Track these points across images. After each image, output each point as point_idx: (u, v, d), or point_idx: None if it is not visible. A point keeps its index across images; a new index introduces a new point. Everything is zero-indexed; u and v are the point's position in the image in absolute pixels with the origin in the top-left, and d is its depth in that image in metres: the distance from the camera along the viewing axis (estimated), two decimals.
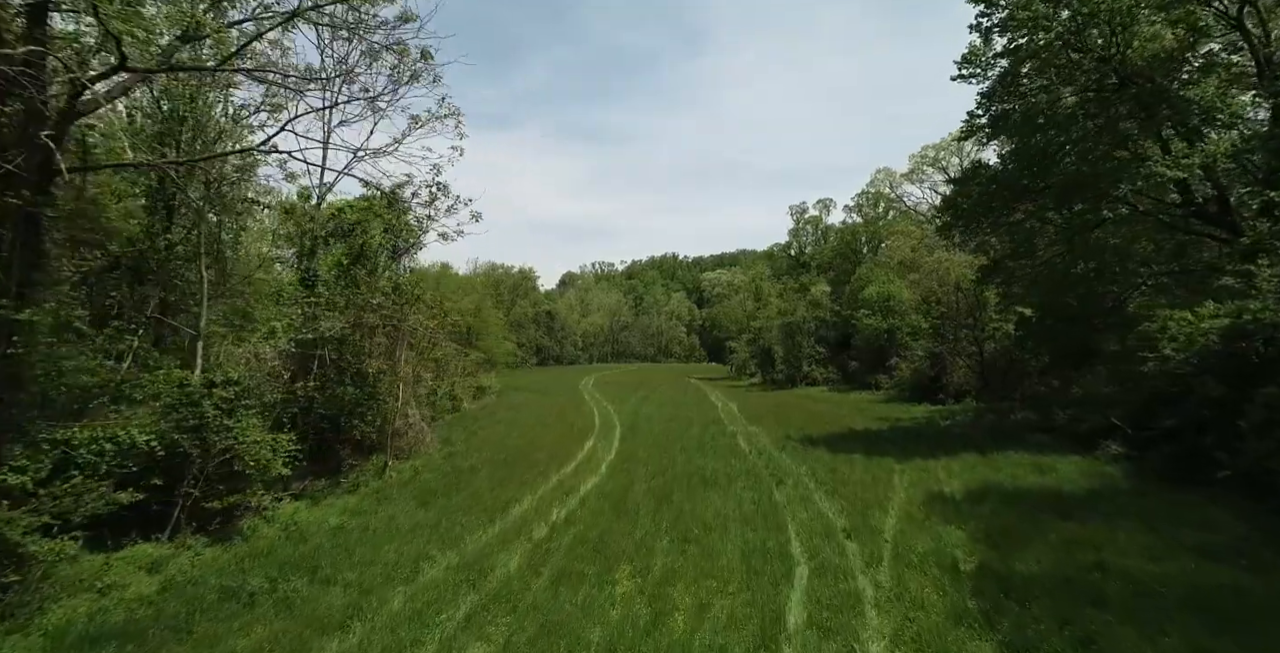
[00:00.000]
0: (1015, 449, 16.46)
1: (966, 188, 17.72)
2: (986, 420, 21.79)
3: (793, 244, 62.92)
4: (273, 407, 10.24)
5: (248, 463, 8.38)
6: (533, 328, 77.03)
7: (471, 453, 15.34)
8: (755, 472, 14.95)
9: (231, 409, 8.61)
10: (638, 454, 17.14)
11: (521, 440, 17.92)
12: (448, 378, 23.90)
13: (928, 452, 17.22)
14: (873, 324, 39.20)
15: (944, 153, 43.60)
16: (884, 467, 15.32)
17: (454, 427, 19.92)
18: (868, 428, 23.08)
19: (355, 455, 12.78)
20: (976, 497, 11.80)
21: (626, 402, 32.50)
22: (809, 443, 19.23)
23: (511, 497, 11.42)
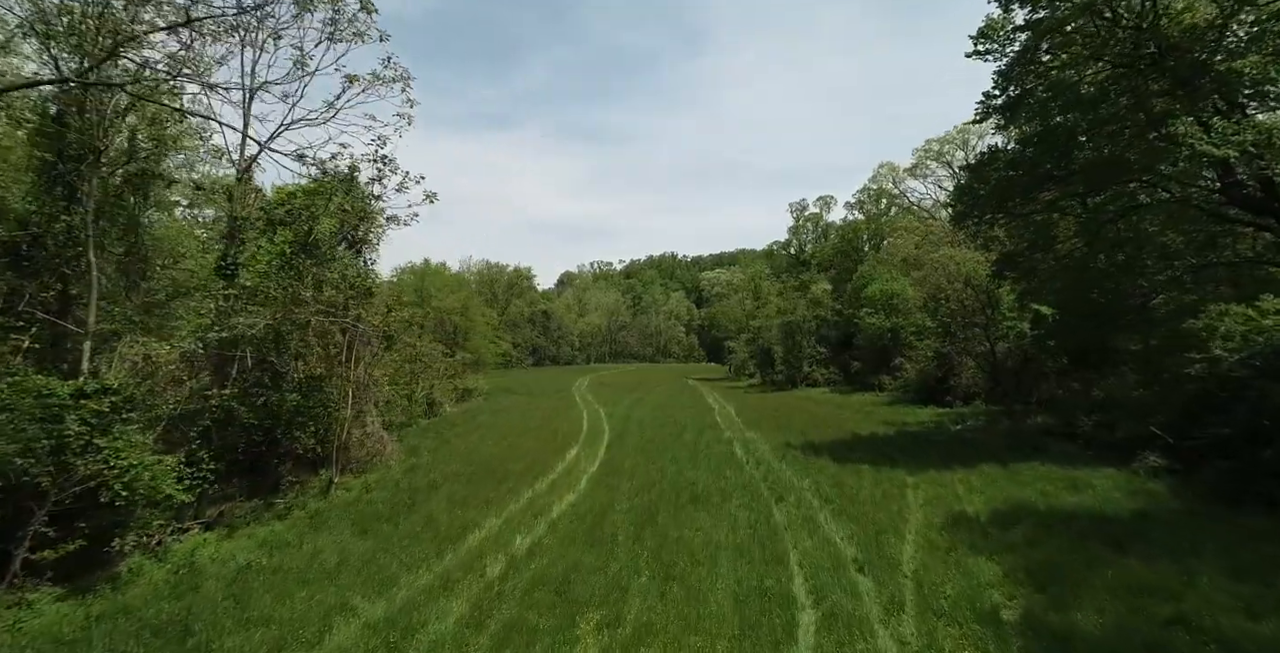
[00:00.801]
0: (1039, 460, 14.89)
1: (983, 173, 16.15)
2: (1001, 426, 20.21)
3: (793, 242, 61.30)
4: (172, 419, 8.63)
5: (119, 492, 6.78)
6: (528, 328, 75.46)
7: (438, 465, 13.78)
8: (752, 486, 13.38)
9: (107, 425, 7.03)
10: (624, 465, 15.58)
11: (498, 449, 16.36)
12: (425, 380, 22.34)
13: (941, 462, 15.65)
14: (876, 323, 37.63)
15: (949, 146, 42.04)
16: (895, 480, 13.77)
17: (426, 434, 18.37)
18: (873, 433, 21.51)
19: (298, 471, 11.23)
20: (1005, 519, 10.22)
21: (619, 404, 30.93)
22: (811, 451, 17.66)
23: (471, 520, 9.85)
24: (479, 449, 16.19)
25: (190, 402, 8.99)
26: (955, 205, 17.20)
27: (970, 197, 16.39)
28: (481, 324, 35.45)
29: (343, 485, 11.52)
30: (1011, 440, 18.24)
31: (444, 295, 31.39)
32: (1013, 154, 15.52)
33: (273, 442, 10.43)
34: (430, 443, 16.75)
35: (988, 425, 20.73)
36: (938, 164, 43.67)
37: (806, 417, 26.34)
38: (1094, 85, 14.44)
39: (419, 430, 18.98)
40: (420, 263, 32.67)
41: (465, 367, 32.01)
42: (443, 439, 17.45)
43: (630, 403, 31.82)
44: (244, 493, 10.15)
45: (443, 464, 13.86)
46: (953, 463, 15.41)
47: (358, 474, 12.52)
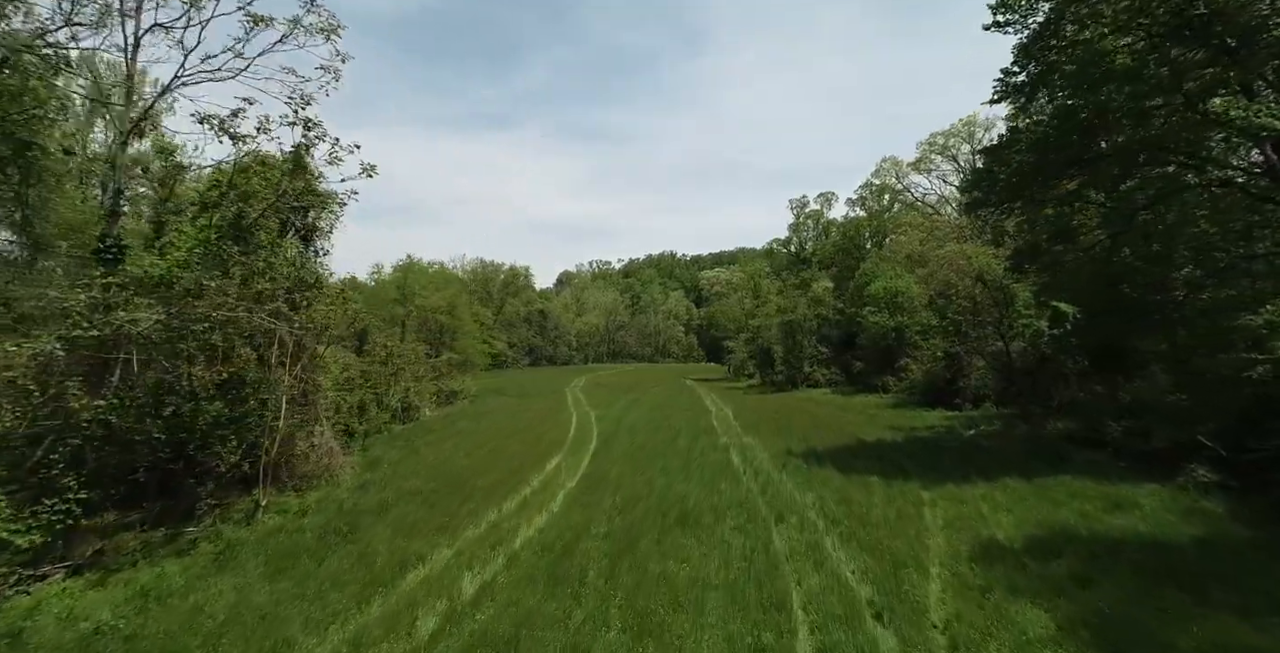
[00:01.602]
0: (1068, 472, 13.35)
1: (1003, 156, 14.60)
2: (1017, 431, 18.67)
3: (793, 239, 59.72)
4: (10, 439, 6.99)
5: None
6: (524, 327, 73.94)
7: (395, 481, 12.25)
8: (749, 503, 11.84)
9: None
10: (608, 476, 14.05)
11: (470, 460, 14.83)
12: (400, 383, 20.81)
13: (959, 473, 14.12)
14: (879, 322, 36.08)
15: (954, 140, 40.49)
16: (909, 496, 12.23)
17: (395, 443, 16.84)
18: (880, 439, 19.97)
19: (225, 492, 9.70)
20: (1044, 548, 8.68)
21: (612, 406, 29.40)
22: (814, 459, 16.13)
23: (416, 553, 8.31)
24: (449, 460, 14.65)
25: (46, 416, 7.32)
26: (970, 192, 15.66)
27: (988, 182, 14.82)
28: (470, 323, 33.92)
29: (276, 508, 9.97)
30: (1031, 448, 16.70)
31: (428, 293, 29.87)
32: (1038, 134, 13.95)
33: (186, 459, 8.89)
34: (395, 453, 15.20)
35: (1003, 431, 19.19)
36: (942, 158, 42.14)
37: (808, 420, 24.80)
38: (1130, 56, 12.87)
39: (388, 438, 17.44)
40: (404, 260, 31.29)
41: (451, 368, 30.51)
42: (411, 449, 15.92)
43: (624, 405, 30.29)
44: (149, 522, 8.64)
45: (402, 479, 12.32)
46: (971, 475, 13.88)
47: (300, 493, 10.99)
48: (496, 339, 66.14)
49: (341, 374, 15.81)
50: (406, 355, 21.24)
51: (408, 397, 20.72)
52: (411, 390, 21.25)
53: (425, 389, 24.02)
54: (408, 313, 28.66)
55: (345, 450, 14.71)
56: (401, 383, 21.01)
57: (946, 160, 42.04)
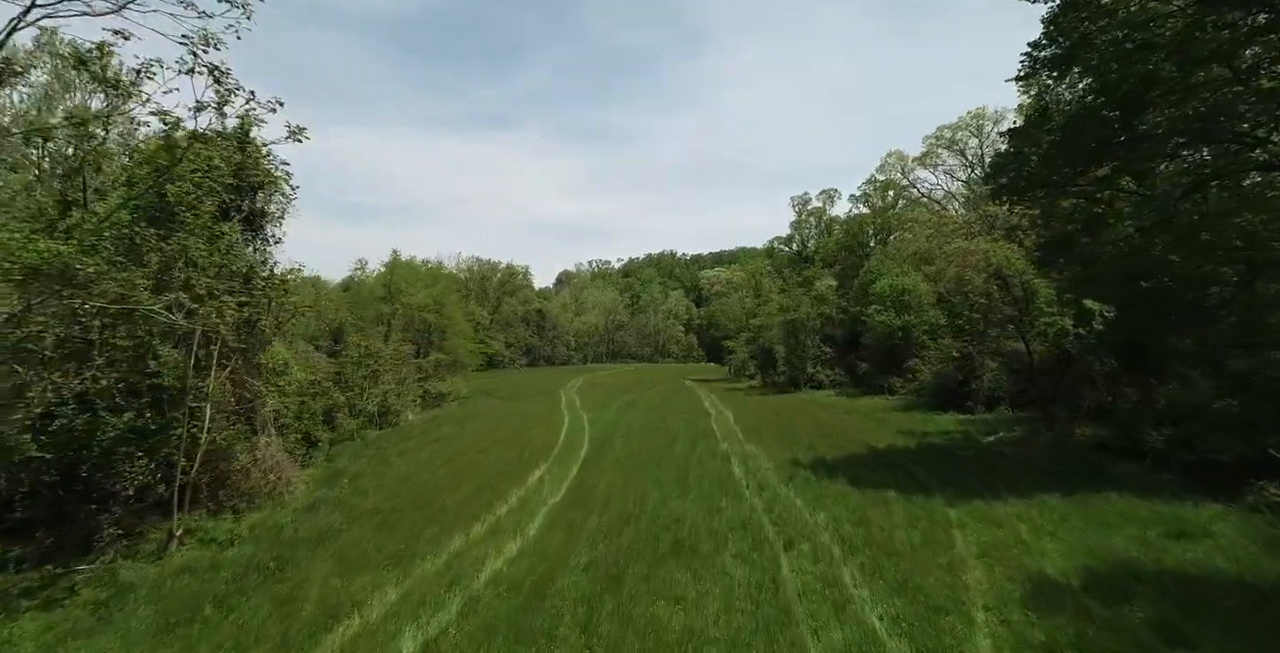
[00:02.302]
0: (1110, 487, 11.90)
1: (1033, 136, 13.14)
2: (1042, 438, 17.21)
3: (795, 237, 58.23)
4: None
5: None
6: (522, 327, 72.49)
7: (353, 498, 10.81)
8: (753, 524, 10.40)
9: None
10: (596, 491, 12.61)
11: (445, 471, 13.38)
12: (378, 385, 19.37)
13: (985, 487, 12.67)
14: (885, 321, 34.65)
15: (962, 133, 39.05)
16: (934, 515, 10.78)
17: (366, 451, 15.39)
18: (892, 446, 18.52)
19: (141, 518, 8.24)
20: (1109, 587, 7.22)
21: (607, 408, 27.95)
22: (822, 470, 14.69)
23: (354, 597, 6.86)
24: (420, 472, 13.20)
25: None
26: (995, 178, 14.20)
27: (1017, 164, 13.34)
28: (461, 322, 32.48)
29: (200, 536, 8.49)
30: (1060, 457, 15.25)
31: (414, 291, 28.44)
32: (1073, 110, 12.48)
33: (83, 481, 7.45)
34: (362, 464, 13.75)
35: (1025, 437, 17.72)
36: (949, 153, 40.68)
37: (813, 424, 23.36)
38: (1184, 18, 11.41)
39: (359, 447, 15.98)
40: (392, 256, 29.75)
41: (439, 368, 29.08)
42: (382, 459, 14.47)
43: (620, 407, 28.85)
44: (35, 558, 7.19)
45: (361, 496, 10.87)
46: (999, 489, 12.43)
47: (238, 515, 9.56)
48: (493, 339, 64.73)
49: (307, 377, 14.37)
50: (386, 356, 19.81)
51: (386, 400, 19.28)
52: (391, 393, 19.80)
53: (408, 392, 22.58)
54: (393, 311, 27.22)
55: (306, 462, 13.28)
56: (380, 385, 19.57)
57: (953, 155, 40.60)
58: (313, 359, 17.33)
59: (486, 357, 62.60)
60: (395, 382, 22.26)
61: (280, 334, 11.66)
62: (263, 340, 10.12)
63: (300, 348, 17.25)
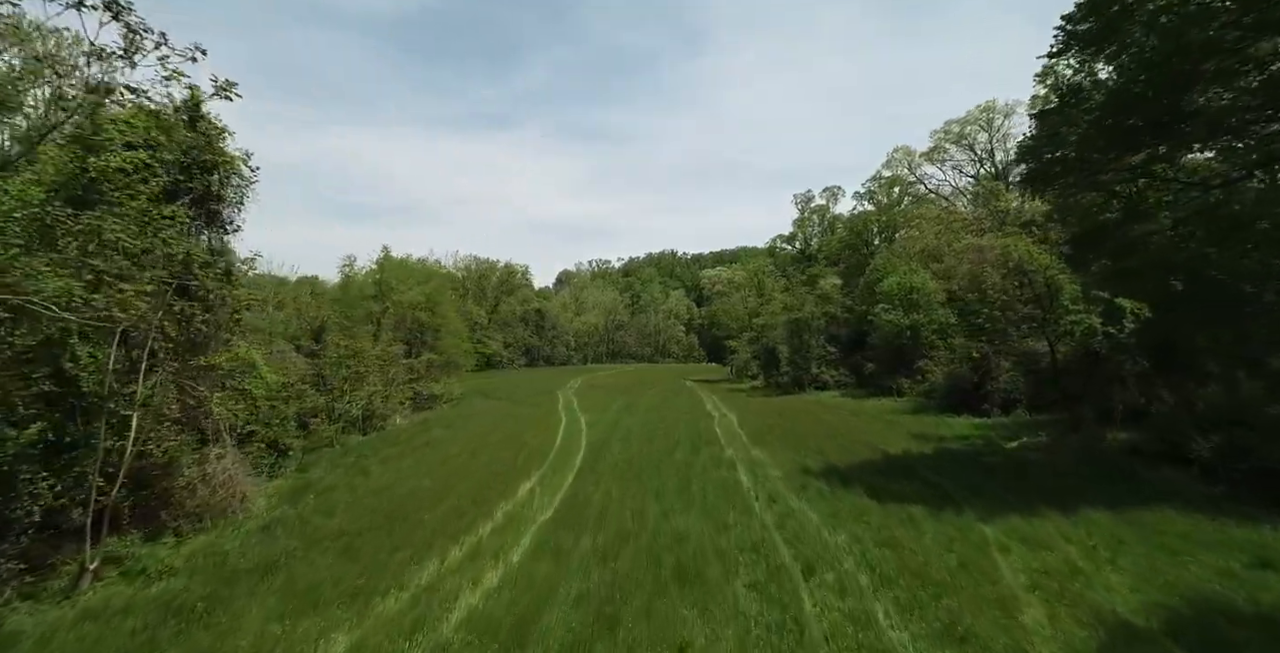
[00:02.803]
0: (1160, 501, 10.69)
1: (1071, 115, 11.92)
2: (1071, 444, 16.00)
3: (797, 235, 57.02)
4: None
5: None
6: (521, 327, 71.28)
7: (318, 516, 9.60)
8: (767, 545, 9.20)
9: None
10: (592, 504, 11.43)
11: (426, 483, 12.18)
12: (363, 387, 18.17)
13: (1020, 501, 11.46)
14: (893, 320, 33.45)
15: (971, 127, 37.83)
16: (969, 534, 9.58)
17: (344, 460, 14.18)
18: (908, 451, 17.32)
19: (53, 547, 7.00)
20: (1203, 635, 6.02)
21: (606, 410, 26.76)
22: (836, 479, 13.49)
23: (292, 648, 5.68)
24: (399, 484, 12.01)
25: None
26: (1026, 161, 13.01)
27: (1052, 146, 12.12)
28: (455, 321, 31.29)
29: (129, 566, 7.28)
30: (1093, 465, 14.06)
31: (406, 289, 27.26)
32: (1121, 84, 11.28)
33: None
34: (337, 475, 12.54)
35: (1052, 443, 16.52)
36: (958, 148, 39.46)
37: (821, 427, 22.16)
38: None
39: (337, 454, 14.79)
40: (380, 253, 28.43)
41: (431, 369, 27.89)
42: (360, 468, 13.28)
43: (619, 409, 27.65)
44: None
45: (326, 515, 9.67)
46: (1036, 502, 11.23)
47: (181, 539, 8.36)
48: (491, 339, 63.59)
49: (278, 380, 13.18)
50: (371, 356, 18.61)
51: (371, 403, 18.09)
52: (377, 396, 18.61)
53: (397, 394, 21.39)
54: (383, 310, 26.04)
55: (275, 473, 12.09)
56: (365, 387, 18.38)
57: (962, 150, 39.40)
58: (290, 360, 16.17)
59: (484, 357, 61.50)
60: (382, 383, 21.08)
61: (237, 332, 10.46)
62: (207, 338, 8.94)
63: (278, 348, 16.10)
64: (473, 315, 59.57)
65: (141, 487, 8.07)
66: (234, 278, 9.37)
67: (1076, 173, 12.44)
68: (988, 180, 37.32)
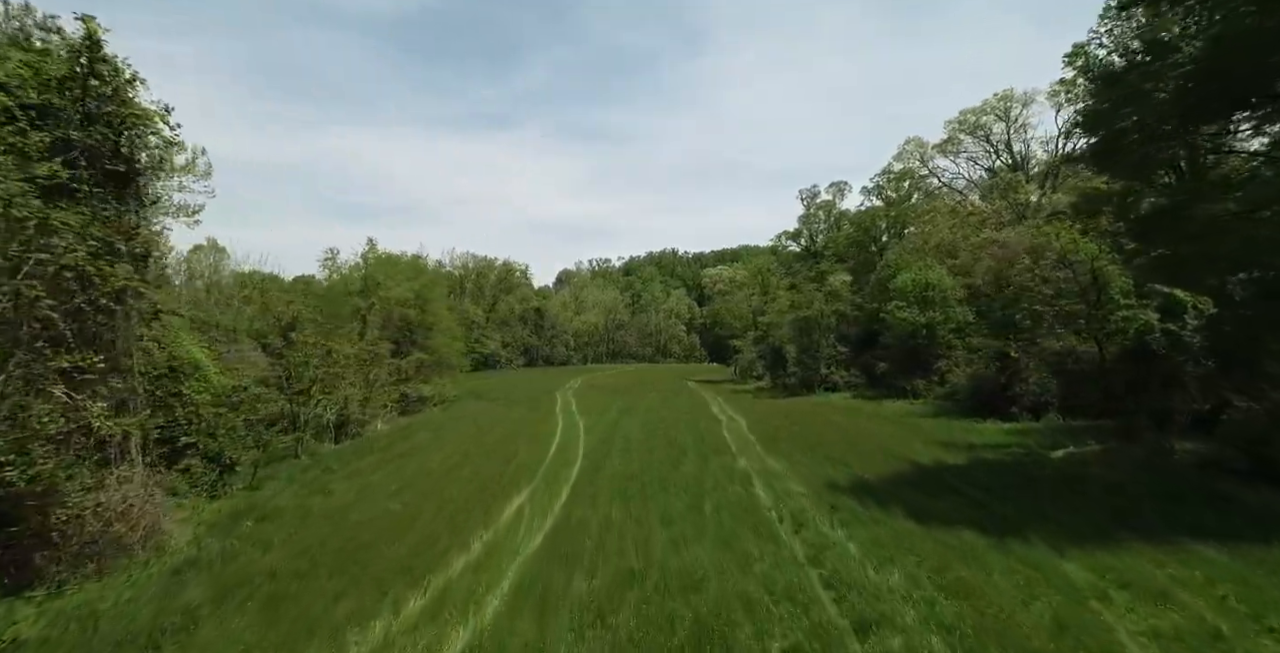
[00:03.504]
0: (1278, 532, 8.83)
1: (1156, 71, 10.07)
2: (1130, 455, 14.13)
3: (803, 232, 55.13)
4: None
5: None
6: (520, 326, 69.44)
7: (250, 551, 7.71)
8: (803, 591, 7.35)
9: None
10: (588, 530, 9.59)
11: (395, 503, 10.34)
12: (338, 390, 16.34)
13: (1094, 528, 9.61)
14: (908, 318, 31.56)
15: (987, 117, 36.01)
16: (1050, 574, 7.74)
17: (304, 475, 12.30)
18: (940, 461, 15.49)
19: None
20: None
21: (605, 414, 24.91)
22: (869, 497, 11.65)
23: None
24: (362, 505, 10.17)
25: None
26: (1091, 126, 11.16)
27: (1134, 108, 10.22)
28: (447, 319, 29.46)
29: None
30: (1164, 481, 12.19)
31: (394, 285, 25.45)
32: (1224, 28, 9.41)
33: None
34: (291, 494, 10.67)
35: (1106, 453, 14.65)
36: (973, 140, 37.60)
37: (838, 433, 20.30)
38: None
39: (300, 467, 12.95)
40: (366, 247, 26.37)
41: (422, 369, 26.07)
42: (320, 485, 11.43)
43: (620, 411, 25.80)
44: None
45: (261, 549, 7.79)
46: (1115, 530, 9.40)
47: (59, 589, 6.49)
48: (489, 338, 61.80)
49: (228, 382, 11.36)
50: (348, 355, 16.77)
51: (346, 407, 16.26)
52: (354, 399, 16.78)
53: (380, 397, 19.57)
54: (369, 306, 24.21)
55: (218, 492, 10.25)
56: (341, 390, 16.54)
57: (977, 142, 37.55)
58: (250, 360, 14.36)
59: (482, 357, 59.69)
60: (363, 385, 19.24)
61: (158, 327, 8.65)
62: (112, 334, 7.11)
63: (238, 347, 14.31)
64: (470, 314, 57.79)
65: (6, 523, 6.28)
66: (156, 261, 7.57)
67: (1155, 143, 10.57)
68: (1004, 172, 35.48)
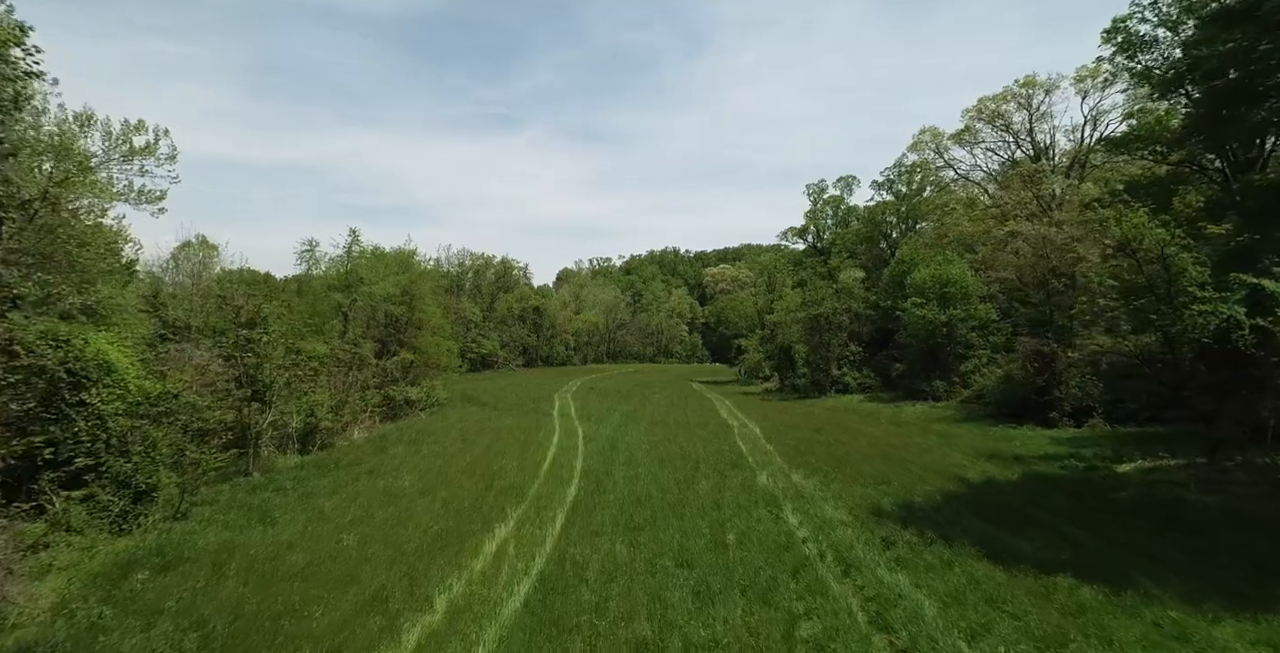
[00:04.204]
0: None
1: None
2: (1230, 475, 12.04)
3: (810, 228, 53.02)
4: None
5: None
6: (518, 326, 67.28)
7: (121, 624, 5.62)
8: None
9: None
10: (585, 578, 7.53)
11: (343, 543, 8.26)
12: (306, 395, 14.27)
13: (1229, 573, 7.56)
14: (927, 316, 29.50)
15: (1008, 105, 33.92)
16: (1207, 647, 5.68)
17: (251, 498, 10.16)
18: (991, 478, 13.44)
19: None
20: None
21: (607, 421, 22.83)
22: (926, 527, 9.58)
23: None
24: (304, 543, 8.10)
25: None
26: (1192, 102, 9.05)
27: None
28: (437, 317, 27.36)
29: None
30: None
31: (378, 279, 23.37)
32: None
33: None
34: (216, 529, 8.48)
35: (1193, 470, 12.54)
36: (992, 129, 35.47)
37: (865, 442, 18.22)
38: None
39: (247, 488, 10.83)
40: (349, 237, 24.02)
41: (409, 371, 24.02)
42: (261, 513, 9.31)
43: (622, 418, 23.72)
44: None
45: (137, 624, 5.64)
46: (1261, 579, 7.33)
47: None
48: (486, 338, 59.72)
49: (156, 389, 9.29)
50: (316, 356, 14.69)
51: (314, 415, 14.19)
52: (323, 405, 14.70)
53: (358, 401, 17.49)
54: (351, 303, 22.15)
55: (123, 529, 8.17)
56: (309, 395, 14.46)
57: (997, 131, 35.43)
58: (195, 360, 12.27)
59: (479, 357, 57.61)
60: (340, 389, 17.19)
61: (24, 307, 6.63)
62: None
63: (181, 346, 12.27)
64: (467, 313, 55.71)
65: None
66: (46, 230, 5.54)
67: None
68: (1025, 162, 33.35)
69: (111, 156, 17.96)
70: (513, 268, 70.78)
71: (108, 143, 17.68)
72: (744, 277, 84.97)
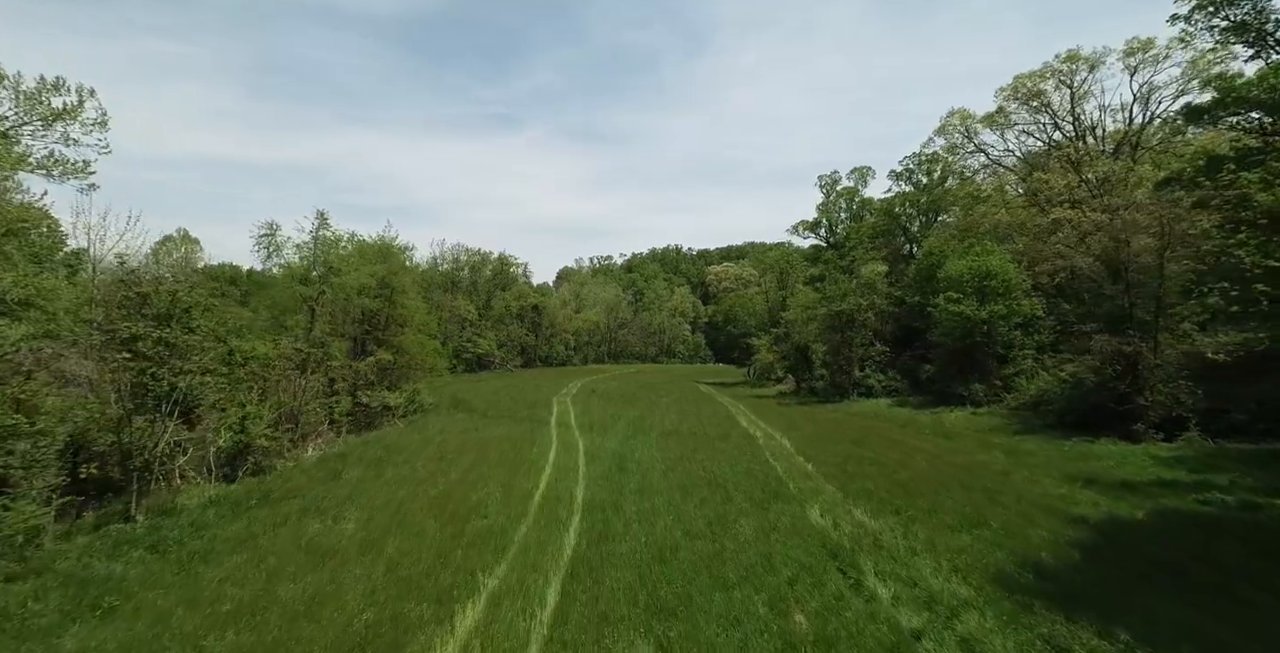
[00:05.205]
0: None
1: None
2: None
3: (821, 222, 49.82)
4: None
5: None
6: (516, 325, 64.03)
7: None
8: None
9: None
10: None
11: (231, 635, 5.16)
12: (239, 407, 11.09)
13: None
14: (965, 312, 26.26)
15: (1047, 83, 30.74)
16: None
17: (117, 555, 7.03)
18: (1116, 518, 10.27)
19: None
20: None
21: (611, 431, 19.61)
22: (1087, 610, 6.40)
23: None
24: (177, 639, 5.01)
25: None
26: None
27: None
28: (421, 313, 24.19)
29: None
30: None
31: (351, 269, 20.22)
32: None
33: None
34: (10, 631, 5.49)
35: None
36: (1028, 110, 32.25)
37: (924, 461, 15.04)
38: None
39: (111, 543, 7.67)
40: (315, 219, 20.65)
41: (386, 374, 20.85)
42: (111, 586, 5.98)
43: (628, 427, 20.51)
44: None
45: None
46: None
47: None
48: (483, 337, 56.56)
49: None
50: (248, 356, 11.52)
51: (244, 432, 11.02)
52: (262, 419, 11.52)
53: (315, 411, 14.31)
54: (317, 295, 18.99)
55: None
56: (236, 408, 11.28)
57: (1033, 113, 32.22)
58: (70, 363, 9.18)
59: (476, 357, 54.47)
60: (292, 397, 14.04)
61: None
62: None
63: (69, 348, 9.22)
64: (462, 311, 52.54)
65: None
66: None
67: None
68: (1067, 145, 30.20)
69: (27, 120, 14.98)
70: (510, 265, 67.61)
71: (18, 104, 14.75)
72: (748, 275, 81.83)
